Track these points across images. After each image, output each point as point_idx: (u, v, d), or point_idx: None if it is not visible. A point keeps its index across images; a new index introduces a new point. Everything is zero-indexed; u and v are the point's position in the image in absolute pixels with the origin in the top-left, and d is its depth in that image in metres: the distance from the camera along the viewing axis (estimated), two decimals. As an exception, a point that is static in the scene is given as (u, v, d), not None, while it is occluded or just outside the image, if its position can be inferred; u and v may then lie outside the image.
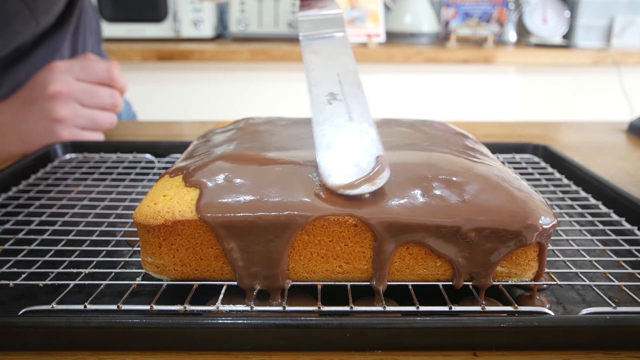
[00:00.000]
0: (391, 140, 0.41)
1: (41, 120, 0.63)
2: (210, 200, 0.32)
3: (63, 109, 0.62)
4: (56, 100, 0.62)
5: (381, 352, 0.29)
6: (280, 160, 0.36)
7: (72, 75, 0.63)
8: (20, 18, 0.68)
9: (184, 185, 0.34)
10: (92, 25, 0.86)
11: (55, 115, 0.62)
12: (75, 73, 0.64)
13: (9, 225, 0.42)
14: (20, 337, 0.29)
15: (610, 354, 0.29)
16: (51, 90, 0.62)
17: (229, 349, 0.30)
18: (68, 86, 0.62)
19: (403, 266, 0.33)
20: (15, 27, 0.68)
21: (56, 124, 0.63)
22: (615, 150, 0.69)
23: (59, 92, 0.62)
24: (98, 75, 0.65)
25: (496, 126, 0.83)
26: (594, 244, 0.40)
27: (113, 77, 0.65)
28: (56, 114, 0.62)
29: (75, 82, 0.63)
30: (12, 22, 0.67)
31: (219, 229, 0.31)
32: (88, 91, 0.64)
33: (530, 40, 1.93)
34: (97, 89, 0.65)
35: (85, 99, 0.64)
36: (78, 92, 0.63)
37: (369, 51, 1.73)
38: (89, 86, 0.64)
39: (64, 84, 0.62)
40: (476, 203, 0.32)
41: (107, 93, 0.66)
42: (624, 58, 1.77)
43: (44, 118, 0.62)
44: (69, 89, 0.62)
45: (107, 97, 0.66)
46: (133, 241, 0.40)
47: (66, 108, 0.63)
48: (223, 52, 1.68)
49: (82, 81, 0.64)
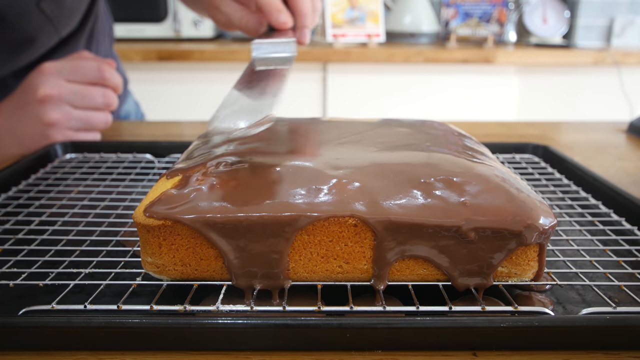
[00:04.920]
0: (391, 140, 0.41)
1: (34, 124, 0.62)
2: (204, 201, 0.32)
3: (54, 113, 0.61)
4: (47, 104, 0.61)
5: (381, 352, 0.29)
6: (280, 160, 0.36)
7: (62, 76, 0.62)
8: (44, 32, 0.68)
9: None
10: (104, 28, 0.86)
11: (47, 120, 0.61)
12: (65, 74, 0.62)
13: (9, 225, 0.42)
14: (20, 337, 0.29)
15: (610, 354, 0.29)
16: (41, 94, 0.61)
17: (228, 349, 0.30)
18: (58, 89, 0.61)
19: (403, 266, 0.33)
20: (40, 42, 0.69)
21: (48, 128, 0.62)
22: (615, 150, 0.69)
23: (49, 95, 0.61)
24: (89, 75, 0.64)
25: (496, 126, 0.83)
26: (594, 244, 0.40)
27: (104, 77, 0.64)
28: (47, 118, 0.61)
29: (66, 84, 0.62)
30: (37, 38, 0.68)
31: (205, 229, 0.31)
32: (79, 92, 0.63)
33: (530, 40, 1.93)
34: (89, 90, 0.64)
35: (77, 101, 0.63)
36: (69, 94, 0.62)
37: (369, 51, 1.73)
38: (80, 87, 0.63)
39: (54, 87, 0.61)
40: (476, 203, 0.32)
41: (99, 93, 0.64)
42: (624, 58, 1.77)
43: (37, 122, 0.62)
44: (59, 92, 0.61)
45: (99, 97, 0.64)
46: (127, 242, 0.40)
47: (57, 111, 0.62)
48: (223, 52, 1.68)
49: (73, 82, 0.63)
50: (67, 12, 0.70)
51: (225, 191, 0.32)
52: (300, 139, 0.43)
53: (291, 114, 0.53)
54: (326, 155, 0.37)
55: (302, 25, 0.60)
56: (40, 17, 0.66)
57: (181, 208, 0.32)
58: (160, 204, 0.32)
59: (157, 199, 0.33)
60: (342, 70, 1.77)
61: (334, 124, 0.47)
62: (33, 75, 0.62)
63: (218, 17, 0.66)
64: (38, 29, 0.67)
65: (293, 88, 1.77)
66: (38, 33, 0.67)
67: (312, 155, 0.37)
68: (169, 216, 0.32)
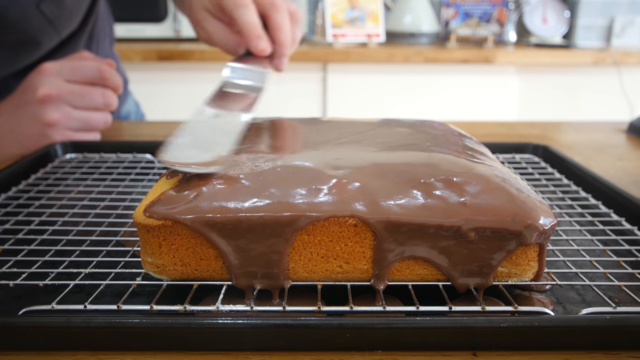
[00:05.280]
0: (391, 140, 0.41)
1: (34, 124, 0.62)
2: (204, 201, 0.32)
3: (53, 113, 0.61)
4: (46, 104, 0.61)
5: (381, 352, 0.29)
6: (280, 160, 0.36)
7: (61, 77, 0.62)
8: (45, 33, 0.68)
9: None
10: (105, 28, 0.86)
11: (46, 120, 0.61)
12: (65, 74, 0.62)
13: (9, 225, 0.42)
14: (20, 337, 0.29)
15: (610, 354, 0.29)
16: (40, 94, 0.60)
17: (228, 349, 0.30)
18: (57, 89, 0.61)
19: (403, 266, 0.33)
20: (40, 43, 0.69)
21: (48, 128, 0.62)
22: (615, 150, 0.69)
23: (49, 95, 0.61)
24: (88, 75, 0.63)
25: (496, 126, 0.83)
26: (594, 244, 0.40)
27: (104, 77, 0.64)
28: (47, 118, 0.61)
29: (65, 84, 0.62)
30: (37, 39, 0.68)
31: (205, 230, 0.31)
32: (78, 92, 0.63)
33: (530, 40, 1.93)
34: (88, 90, 0.63)
35: (76, 101, 0.63)
36: (68, 95, 0.62)
37: (369, 51, 1.73)
38: (80, 87, 0.63)
39: (53, 87, 0.61)
40: (476, 203, 0.32)
41: (98, 93, 0.64)
42: (624, 58, 1.77)
43: (36, 122, 0.62)
44: (58, 92, 0.61)
45: (98, 98, 0.64)
46: (127, 242, 0.40)
47: (57, 112, 0.62)
48: (223, 52, 1.68)
49: (73, 82, 0.63)
50: (67, 13, 0.70)
51: (225, 191, 0.32)
52: (300, 139, 0.43)
53: (291, 113, 0.53)
54: (326, 155, 0.37)
55: (280, 55, 0.61)
56: (40, 19, 0.66)
57: (181, 208, 0.32)
58: (160, 204, 0.32)
59: (157, 199, 0.33)
60: (342, 70, 1.77)
61: (334, 124, 0.47)
62: (33, 75, 0.62)
63: (200, 32, 0.68)
64: (38, 30, 0.67)
65: (293, 88, 1.77)
66: (38, 34, 0.67)
67: (311, 155, 0.37)
68: (169, 216, 0.32)
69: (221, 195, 0.32)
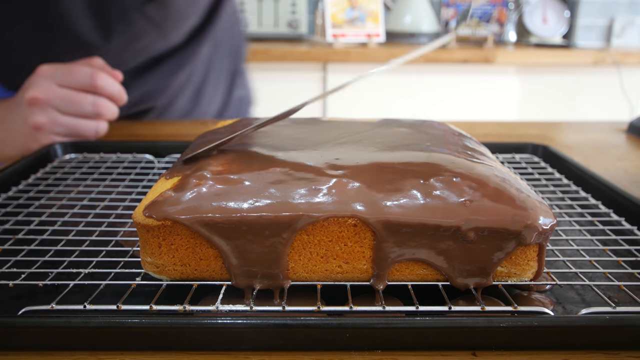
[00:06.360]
0: (391, 140, 0.41)
1: (23, 125, 0.61)
2: (203, 201, 0.32)
3: (40, 117, 0.60)
4: (33, 107, 0.60)
5: (381, 352, 0.29)
6: (279, 160, 0.36)
7: (54, 80, 0.60)
8: (148, 35, 0.68)
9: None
10: (232, 44, 0.85)
11: (32, 122, 0.60)
12: (57, 78, 0.60)
13: (9, 225, 0.42)
14: (20, 337, 0.29)
15: (610, 354, 0.29)
16: (29, 96, 0.59)
17: (228, 349, 0.30)
18: (46, 93, 0.60)
19: (403, 266, 0.33)
20: (143, 42, 0.68)
21: (35, 131, 0.61)
22: (615, 150, 0.69)
23: (36, 98, 0.59)
24: (80, 81, 0.61)
25: (496, 126, 0.83)
26: (593, 244, 0.40)
27: (96, 85, 0.61)
28: (33, 120, 0.60)
29: (56, 89, 0.60)
30: (140, 39, 0.68)
31: (205, 230, 0.31)
32: (67, 98, 0.61)
33: (530, 40, 1.94)
34: (78, 96, 0.61)
35: (64, 106, 0.61)
36: (56, 99, 0.60)
37: (369, 51, 1.73)
38: (70, 93, 0.61)
39: (42, 90, 0.60)
40: (476, 203, 0.32)
41: (88, 101, 0.61)
42: (624, 58, 1.77)
43: (24, 124, 0.61)
44: (46, 96, 0.60)
45: (88, 106, 0.61)
46: (126, 242, 0.40)
47: (43, 115, 0.60)
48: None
49: (65, 87, 0.61)
50: (174, 16, 0.69)
51: (225, 191, 0.32)
52: (299, 139, 0.43)
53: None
54: (326, 155, 0.37)
55: None
56: (142, 21, 0.65)
57: (180, 208, 0.32)
58: (159, 204, 0.32)
59: (157, 199, 0.33)
60: (342, 70, 1.77)
61: (334, 124, 0.47)
62: (31, 75, 0.62)
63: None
64: (141, 32, 0.66)
65: (293, 88, 1.77)
66: (141, 34, 0.66)
67: (311, 155, 0.37)
68: (168, 216, 0.32)
69: (221, 195, 0.32)
